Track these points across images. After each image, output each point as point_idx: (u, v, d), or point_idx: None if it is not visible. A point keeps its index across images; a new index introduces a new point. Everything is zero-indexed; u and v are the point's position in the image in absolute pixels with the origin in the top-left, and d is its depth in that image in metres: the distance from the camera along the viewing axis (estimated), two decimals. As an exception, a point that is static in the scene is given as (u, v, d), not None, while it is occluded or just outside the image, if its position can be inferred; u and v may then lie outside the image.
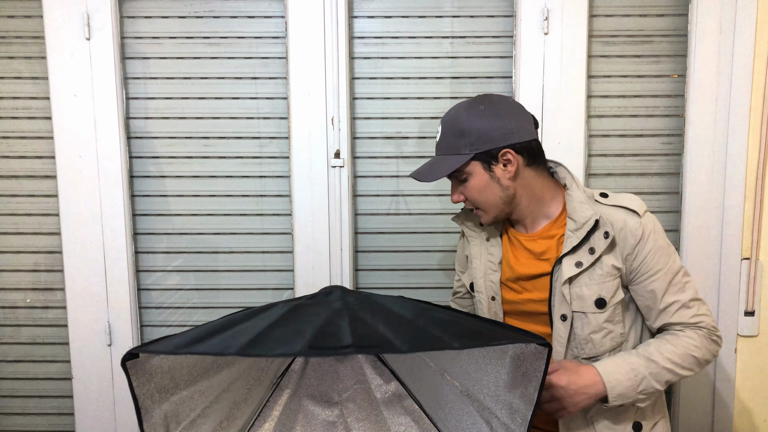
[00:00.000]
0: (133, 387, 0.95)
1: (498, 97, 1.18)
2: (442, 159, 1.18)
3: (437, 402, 1.22)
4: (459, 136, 1.15)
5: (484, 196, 1.18)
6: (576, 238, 1.14)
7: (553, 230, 1.19)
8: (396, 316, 0.97)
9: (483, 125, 1.13)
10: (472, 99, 1.19)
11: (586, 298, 1.14)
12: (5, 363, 1.75)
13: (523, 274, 1.21)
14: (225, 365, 1.11)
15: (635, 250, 1.13)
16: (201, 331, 0.94)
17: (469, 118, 1.14)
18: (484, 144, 1.13)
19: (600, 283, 1.14)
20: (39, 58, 1.63)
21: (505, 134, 1.13)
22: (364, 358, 1.26)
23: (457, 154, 1.15)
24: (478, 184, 1.17)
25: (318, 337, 0.86)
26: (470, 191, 1.18)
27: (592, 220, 1.12)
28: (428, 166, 1.21)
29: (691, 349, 1.13)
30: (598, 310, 1.14)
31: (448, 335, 0.91)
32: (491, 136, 1.13)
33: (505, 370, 1.05)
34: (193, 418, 1.06)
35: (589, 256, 1.13)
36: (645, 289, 1.15)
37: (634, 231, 1.13)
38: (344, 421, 1.27)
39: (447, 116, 1.19)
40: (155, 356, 0.97)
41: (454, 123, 1.16)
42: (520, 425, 1.04)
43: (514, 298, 1.23)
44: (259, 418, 1.24)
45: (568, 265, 1.14)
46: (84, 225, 1.64)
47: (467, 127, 1.14)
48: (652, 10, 1.61)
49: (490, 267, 1.26)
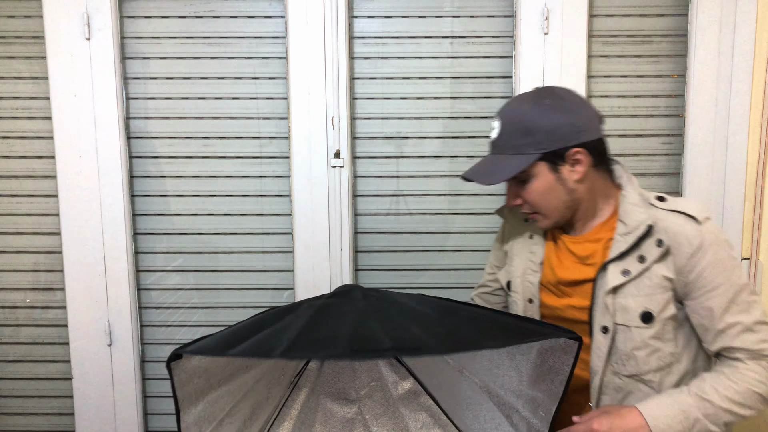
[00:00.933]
0: (175, 388, 0.96)
1: (562, 90, 1.07)
2: (503, 159, 1.06)
3: (454, 398, 1.22)
4: (524, 134, 1.03)
5: (547, 199, 1.07)
6: (625, 243, 1.03)
7: (602, 233, 1.09)
8: (423, 316, 0.98)
9: (551, 122, 1.02)
10: (534, 92, 1.07)
11: (631, 311, 1.03)
12: (5, 363, 1.75)
13: (564, 278, 1.11)
14: (251, 366, 1.12)
15: (691, 261, 1.00)
16: (234, 332, 0.95)
17: (535, 114, 1.03)
18: (552, 143, 1.02)
19: (648, 295, 1.02)
20: (39, 58, 1.63)
21: (575, 132, 1.03)
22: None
23: (520, 153, 1.04)
24: (542, 186, 1.06)
25: (356, 340, 0.87)
26: (532, 194, 1.07)
27: (645, 225, 1.02)
28: (486, 167, 1.08)
29: (754, 384, 0.98)
30: (644, 324, 1.02)
31: (482, 334, 0.91)
32: (561, 133, 1.02)
33: (531, 364, 1.05)
34: (221, 417, 1.07)
35: (638, 265, 1.02)
36: (701, 306, 1.02)
37: (691, 240, 1.00)
38: (362, 418, 1.28)
39: (507, 111, 1.07)
40: (195, 357, 0.97)
41: (518, 119, 1.04)
42: (543, 419, 1.04)
43: (554, 303, 1.14)
44: (279, 418, 1.25)
45: (613, 272, 1.04)
46: (84, 225, 1.64)
47: (534, 124, 1.03)
48: (652, 10, 1.61)
49: (530, 267, 1.17)
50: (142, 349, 1.73)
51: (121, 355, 1.68)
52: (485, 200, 1.68)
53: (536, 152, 1.03)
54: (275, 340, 0.88)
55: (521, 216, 1.21)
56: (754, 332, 1.00)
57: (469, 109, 1.65)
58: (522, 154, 1.04)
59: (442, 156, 1.67)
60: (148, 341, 1.73)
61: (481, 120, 1.65)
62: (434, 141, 1.66)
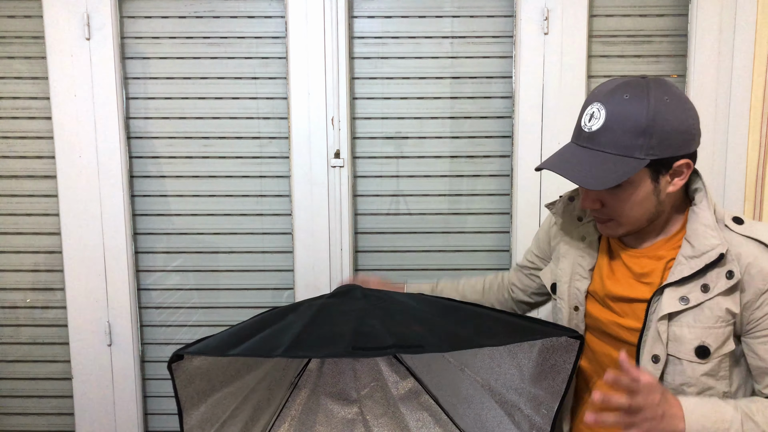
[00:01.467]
0: (177, 389, 0.96)
1: (676, 88, 0.92)
2: (604, 159, 0.90)
3: (456, 397, 1.22)
4: (637, 135, 0.88)
5: (636, 209, 0.93)
6: (689, 268, 0.91)
7: (663, 250, 0.97)
8: (424, 314, 0.98)
9: (669, 125, 0.88)
10: (653, 85, 0.90)
11: (686, 342, 0.91)
12: (5, 363, 1.75)
13: (615, 293, 1.00)
14: (253, 367, 1.12)
15: (761, 298, 0.89)
16: (236, 332, 0.95)
17: (655, 113, 0.87)
18: (665, 149, 0.88)
19: (706, 328, 0.90)
20: (39, 58, 1.63)
21: (688, 140, 0.90)
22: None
23: (627, 156, 0.89)
24: (638, 195, 0.92)
25: (358, 338, 0.87)
26: (622, 202, 0.93)
27: (716, 252, 0.89)
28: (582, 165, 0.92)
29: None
30: (698, 359, 0.91)
31: (482, 333, 0.91)
32: (675, 140, 0.89)
33: (533, 362, 1.05)
34: (224, 419, 1.07)
35: (699, 294, 0.91)
36: (762, 348, 0.91)
37: (766, 275, 0.89)
38: (363, 418, 1.28)
39: (615, 100, 0.90)
40: (196, 358, 0.97)
41: (631, 114, 0.88)
42: (545, 416, 1.04)
43: (600, 316, 1.03)
44: (280, 418, 1.25)
45: (669, 297, 0.92)
46: (84, 225, 1.64)
47: (651, 124, 0.87)
48: (652, 10, 1.61)
49: (579, 272, 1.05)
50: (142, 349, 1.73)
51: (121, 355, 1.68)
52: (485, 200, 1.68)
53: (646, 158, 0.88)
54: (276, 339, 0.89)
55: (575, 214, 1.10)
56: None
57: (469, 109, 1.65)
58: (630, 157, 0.88)
59: (442, 156, 1.67)
60: (148, 341, 1.73)
61: (481, 120, 1.65)
62: (434, 141, 1.66)
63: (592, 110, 0.93)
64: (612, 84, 0.93)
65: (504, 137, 1.66)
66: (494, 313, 1.02)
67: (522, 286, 1.26)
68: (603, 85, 0.95)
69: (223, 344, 0.90)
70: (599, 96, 0.93)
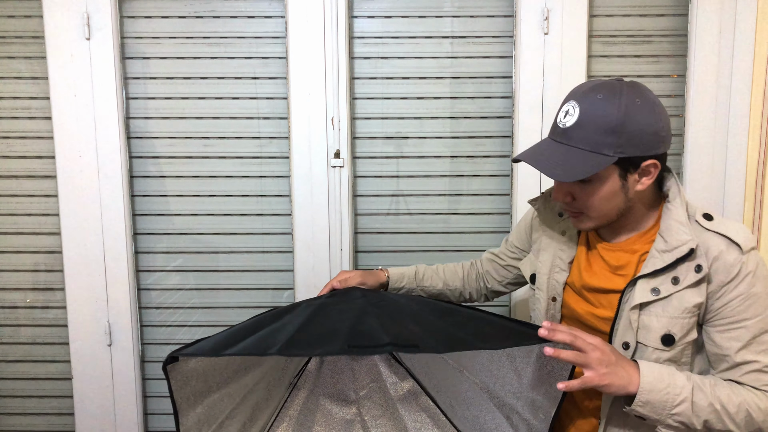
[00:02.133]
0: (172, 391, 0.96)
1: (649, 91, 0.97)
2: (575, 153, 0.96)
3: (454, 399, 1.22)
4: (607, 133, 0.93)
5: (605, 205, 0.99)
6: (661, 261, 0.97)
7: (638, 245, 1.03)
8: (421, 315, 0.98)
9: (638, 126, 0.93)
10: (627, 87, 0.95)
11: (652, 330, 0.97)
12: (5, 363, 1.75)
13: (591, 285, 1.06)
14: (251, 367, 1.12)
15: (723, 289, 0.95)
16: (233, 333, 0.95)
17: (625, 114, 0.92)
18: (633, 149, 0.94)
19: (673, 318, 0.96)
20: (39, 58, 1.63)
21: (657, 141, 0.95)
22: (379, 357, 1.27)
23: (596, 152, 0.94)
24: (606, 191, 0.97)
25: (354, 336, 0.87)
26: (591, 197, 0.99)
27: (687, 247, 0.95)
28: (554, 158, 0.98)
29: (751, 405, 0.93)
30: (663, 347, 0.97)
31: (478, 336, 0.92)
32: (644, 141, 0.93)
33: (531, 368, 1.05)
34: (221, 420, 1.07)
35: (670, 286, 0.96)
36: (720, 336, 0.96)
37: (729, 268, 0.94)
38: (361, 419, 1.28)
39: (590, 100, 0.95)
40: (192, 360, 0.97)
41: (603, 113, 0.93)
42: (543, 421, 1.04)
43: (576, 307, 1.09)
44: (278, 419, 1.25)
45: (642, 288, 0.98)
46: (84, 225, 1.64)
47: (621, 124, 0.92)
48: (652, 10, 1.61)
49: (559, 265, 1.12)
50: (142, 349, 1.73)
51: (121, 355, 1.68)
52: (485, 200, 1.68)
53: (614, 155, 0.93)
54: (272, 338, 0.89)
55: (556, 210, 1.17)
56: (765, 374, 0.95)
57: (469, 109, 1.65)
58: (599, 154, 0.94)
59: (442, 156, 1.67)
60: (148, 341, 1.73)
61: (481, 120, 1.65)
62: (434, 141, 1.66)
63: (567, 107, 0.98)
64: (589, 84, 0.98)
65: (504, 137, 1.66)
66: (491, 317, 1.02)
67: (498, 277, 1.33)
68: (581, 86, 1.00)
69: (218, 345, 0.90)
70: (576, 95, 0.98)
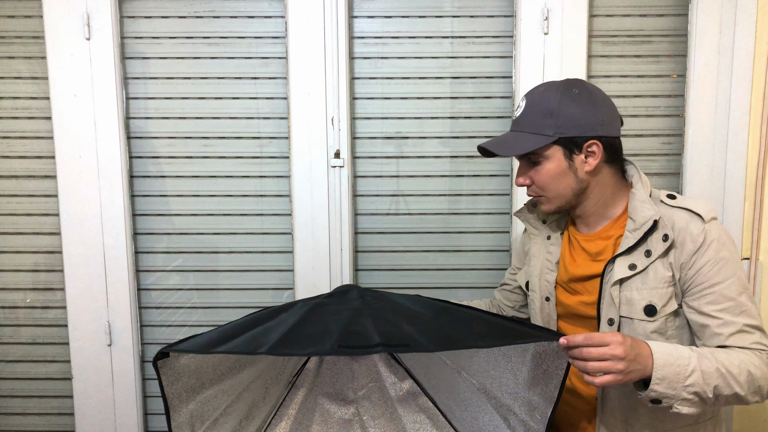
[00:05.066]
0: (163, 387, 0.96)
1: (591, 86, 1.11)
2: (522, 136, 1.10)
3: (453, 399, 1.22)
4: (546, 116, 1.07)
5: (556, 184, 1.10)
6: (633, 238, 1.06)
7: (612, 230, 1.12)
8: (417, 315, 0.98)
9: (574, 110, 1.06)
10: (565, 81, 1.11)
11: (635, 303, 1.05)
12: (5, 363, 1.75)
13: (576, 275, 1.15)
14: (246, 364, 1.12)
15: (692, 258, 1.02)
16: (226, 330, 0.95)
17: (561, 100, 1.07)
18: (571, 129, 1.06)
19: (652, 289, 1.05)
20: (39, 58, 1.63)
21: (595, 124, 1.07)
22: (378, 357, 1.27)
23: (539, 134, 1.08)
24: (554, 170, 1.09)
25: (346, 336, 0.87)
26: (542, 176, 1.10)
27: (651, 220, 1.04)
28: (502, 141, 1.13)
29: (749, 364, 0.97)
30: (647, 317, 1.05)
31: (473, 334, 0.92)
32: (581, 122, 1.06)
33: (526, 367, 1.05)
34: (216, 417, 1.07)
35: (644, 259, 1.05)
36: (697, 303, 1.03)
37: (695, 237, 1.02)
38: (360, 419, 1.28)
39: (535, 93, 1.12)
40: (183, 356, 0.97)
41: (543, 101, 1.09)
42: (539, 422, 1.04)
43: (568, 301, 1.17)
44: (276, 417, 1.25)
45: (620, 266, 1.07)
46: (84, 225, 1.64)
47: (557, 108, 1.07)
48: (652, 10, 1.61)
49: (548, 266, 1.22)
50: (142, 349, 1.73)
51: (121, 355, 1.68)
52: (485, 200, 1.68)
53: (554, 135, 1.06)
54: (264, 337, 0.89)
55: (540, 217, 1.27)
56: (748, 333, 1.00)
57: (469, 109, 1.65)
58: (540, 134, 1.07)
59: (442, 156, 1.67)
60: (148, 341, 1.73)
61: (481, 120, 1.65)
62: (434, 141, 1.66)
63: (519, 103, 1.14)
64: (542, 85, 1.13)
65: (504, 137, 1.65)
66: (487, 315, 1.02)
67: (510, 303, 1.40)
68: (537, 85, 1.15)
69: (210, 342, 0.90)
70: (527, 92, 1.14)
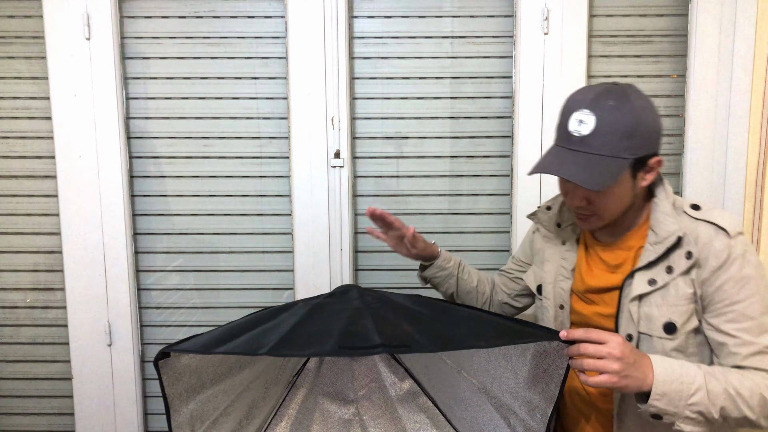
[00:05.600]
0: (163, 386, 0.96)
1: (638, 89, 1.01)
2: (597, 161, 0.96)
3: (453, 399, 1.22)
4: (623, 137, 0.95)
5: (616, 204, 1.02)
6: (654, 252, 1.01)
7: (632, 241, 1.07)
8: (417, 315, 0.98)
9: (650, 126, 0.97)
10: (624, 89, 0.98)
11: (655, 320, 1.00)
12: (5, 363, 1.75)
13: (593, 286, 1.10)
14: (246, 364, 1.12)
15: (715, 274, 0.97)
16: (227, 330, 0.95)
17: (637, 116, 0.96)
18: (645, 148, 0.97)
19: (672, 305, 1.00)
20: (39, 58, 1.63)
21: (659, 138, 1.00)
22: (378, 357, 1.27)
23: (615, 157, 0.96)
24: (621, 192, 1.00)
25: (346, 337, 0.87)
26: (608, 199, 1.01)
27: (675, 236, 0.99)
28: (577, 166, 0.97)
29: (763, 388, 0.93)
30: (666, 335, 1.00)
31: (473, 334, 0.92)
32: (653, 139, 0.99)
33: (527, 367, 1.05)
34: (216, 416, 1.07)
35: (665, 275, 1.00)
36: (717, 321, 0.98)
37: (719, 253, 0.97)
38: (360, 419, 1.28)
39: (604, 108, 0.96)
40: (184, 356, 0.97)
41: (619, 119, 0.95)
42: (540, 421, 1.04)
43: (583, 310, 1.12)
44: (276, 417, 1.25)
45: (640, 280, 1.02)
46: (84, 225, 1.64)
47: (635, 127, 0.95)
48: (652, 10, 1.61)
49: (562, 273, 1.16)
50: (142, 349, 1.73)
51: (121, 355, 1.68)
52: (485, 200, 1.68)
53: (631, 157, 0.97)
54: (264, 337, 0.88)
55: (554, 221, 1.21)
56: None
57: (469, 109, 1.65)
58: (618, 158, 0.96)
59: (442, 156, 1.67)
60: (148, 341, 1.73)
61: (481, 120, 1.65)
62: (434, 141, 1.66)
63: (580, 116, 0.98)
64: (592, 92, 0.99)
65: (504, 137, 1.66)
66: (487, 315, 1.02)
67: (507, 290, 1.36)
68: (583, 93, 1.01)
69: (211, 342, 0.90)
70: (585, 103, 0.98)
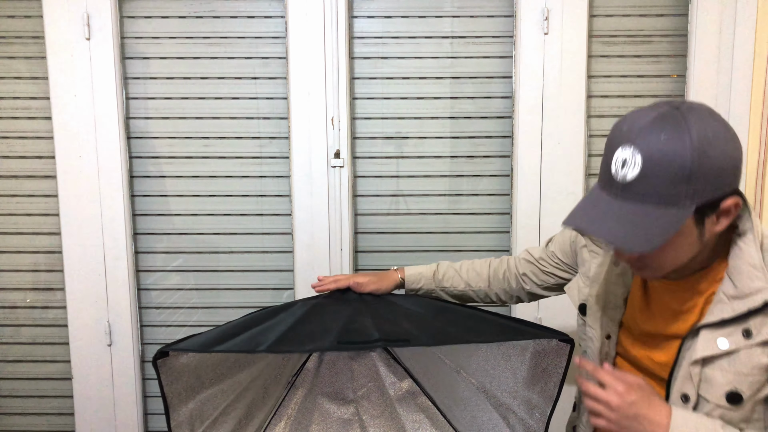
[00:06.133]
0: (162, 386, 0.96)
1: (711, 111, 0.78)
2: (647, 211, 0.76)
3: (452, 399, 1.22)
4: (684, 180, 0.74)
5: (678, 257, 0.82)
6: (731, 309, 0.81)
7: (704, 284, 0.86)
8: (416, 314, 0.99)
9: (716, 163, 0.74)
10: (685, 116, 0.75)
11: (716, 386, 0.82)
12: (5, 363, 1.75)
13: (649, 330, 0.92)
14: (246, 364, 1.12)
15: None
16: (226, 329, 0.95)
17: (700, 154, 0.73)
18: (712, 192, 0.75)
19: (741, 374, 0.80)
20: (39, 58, 1.63)
21: (736, 175, 0.78)
22: (377, 356, 1.27)
23: (672, 205, 0.75)
24: (680, 243, 0.79)
25: (345, 333, 0.88)
26: (664, 253, 0.81)
27: (761, 297, 0.78)
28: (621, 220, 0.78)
29: None
30: (729, 405, 0.81)
31: (472, 331, 0.92)
32: (721, 179, 0.75)
33: (525, 366, 1.05)
34: (215, 416, 1.07)
35: (740, 339, 0.80)
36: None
37: None
38: (359, 418, 1.28)
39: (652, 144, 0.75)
40: (183, 355, 0.98)
41: (673, 160, 0.74)
42: (539, 420, 1.04)
43: (632, 350, 0.95)
44: (276, 417, 1.25)
45: (706, 339, 0.82)
46: (84, 225, 1.64)
47: (697, 167, 0.73)
48: (652, 10, 1.61)
49: (613, 301, 0.97)
50: (142, 349, 1.73)
51: (121, 355, 1.68)
52: (485, 200, 1.68)
53: (692, 204, 0.75)
54: (263, 336, 0.89)
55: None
56: None
57: (469, 109, 1.65)
58: (674, 207, 0.75)
59: (442, 156, 1.67)
60: (148, 341, 1.73)
61: (481, 120, 1.65)
62: (434, 141, 1.66)
63: (623, 155, 0.77)
64: (643, 120, 0.77)
65: (504, 137, 1.66)
66: (486, 314, 1.02)
67: (538, 281, 1.17)
68: (632, 121, 0.79)
69: (209, 341, 0.90)
70: (630, 137, 0.77)
